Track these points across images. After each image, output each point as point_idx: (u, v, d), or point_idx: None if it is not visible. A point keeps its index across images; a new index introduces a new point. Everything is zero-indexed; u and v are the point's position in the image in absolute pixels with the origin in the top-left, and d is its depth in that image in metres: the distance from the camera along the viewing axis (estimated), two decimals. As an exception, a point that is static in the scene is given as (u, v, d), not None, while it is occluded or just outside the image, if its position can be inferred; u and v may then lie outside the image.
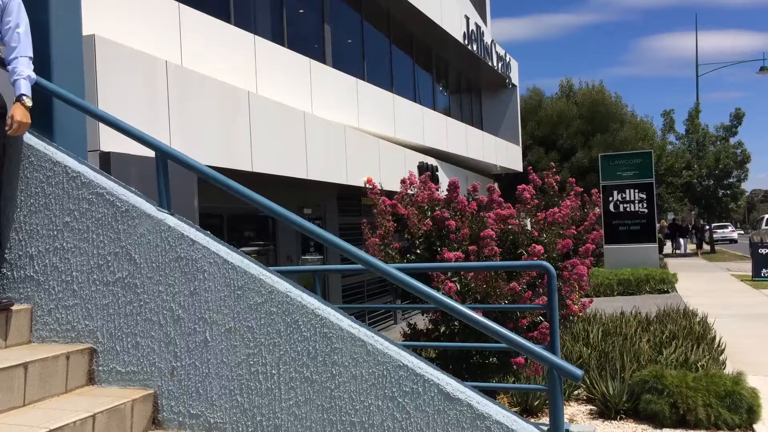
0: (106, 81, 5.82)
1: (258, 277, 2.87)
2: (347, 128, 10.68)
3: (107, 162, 5.39)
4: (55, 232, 3.12)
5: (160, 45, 7.18)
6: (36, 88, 3.26)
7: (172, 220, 3.02)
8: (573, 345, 6.85)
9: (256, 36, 9.25)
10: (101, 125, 5.23)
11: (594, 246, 6.68)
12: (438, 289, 5.00)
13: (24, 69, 3.20)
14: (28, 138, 3.23)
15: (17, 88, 3.17)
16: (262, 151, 8.09)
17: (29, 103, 3.16)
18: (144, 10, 7.16)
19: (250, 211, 8.95)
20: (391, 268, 2.97)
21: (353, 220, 12.28)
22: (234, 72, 8.47)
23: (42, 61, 3.43)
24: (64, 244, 3.10)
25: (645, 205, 17.71)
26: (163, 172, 3.16)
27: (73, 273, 3.07)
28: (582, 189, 7.88)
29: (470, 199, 6.13)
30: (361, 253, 2.99)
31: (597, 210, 7.74)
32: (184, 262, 2.95)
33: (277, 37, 10.57)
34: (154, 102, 6.47)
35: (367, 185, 6.39)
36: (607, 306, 10.67)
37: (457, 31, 17.58)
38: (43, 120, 3.42)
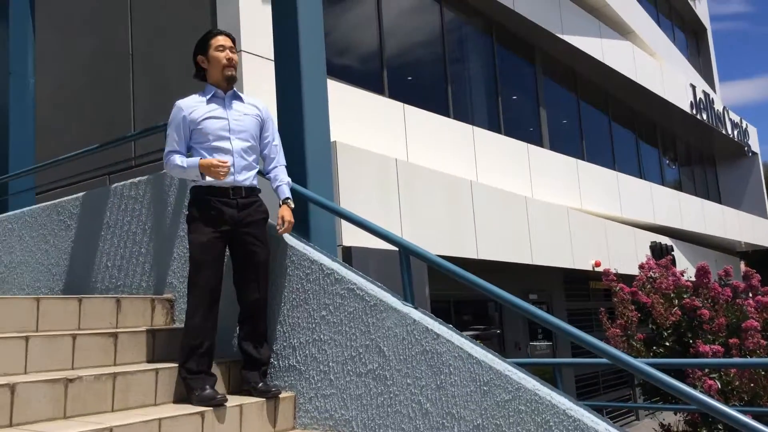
0: (346, 180, 6.40)
1: (504, 372, 2.81)
2: (570, 210, 10.39)
3: (349, 256, 5.83)
4: (314, 325, 3.39)
5: (388, 142, 7.77)
6: (294, 193, 3.66)
7: (416, 314, 3.12)
8: None
9: (474, 126, 9.58)
10: (343, 222, 5.71)
11: None
12: (695, 387, 4.47)
13: (284, 176, 3.64)
14: (289, 239, 3.61)
15: (281, 192, 3.59)
16: (486, 237, 8.17)
17: (292, 204, 3.56)
18: (374, 114, 7.84)
19: (475, 297, 8.97)
20: (643, 365, 2.73)
21: (581, 305, 11.69)
22: (455, 162, 8.80)
23: (298, 166, 3.87)
24: (322, 336, 3.35)
25: None
26: (407, 267, 3.30)
27: (330, 363, 3.29)
28: None
29: (723, 285, 5.49)
30: (605, 345, 2.80)
31: None
32: (430, 356, 3.00)
33: (493, 125, 10.84)
34: (386, 196, 6.94)
35: (596, 268, 6.08)
36: None
37: (683, 102, 16.53)
38: (300, 222, 3.82)
